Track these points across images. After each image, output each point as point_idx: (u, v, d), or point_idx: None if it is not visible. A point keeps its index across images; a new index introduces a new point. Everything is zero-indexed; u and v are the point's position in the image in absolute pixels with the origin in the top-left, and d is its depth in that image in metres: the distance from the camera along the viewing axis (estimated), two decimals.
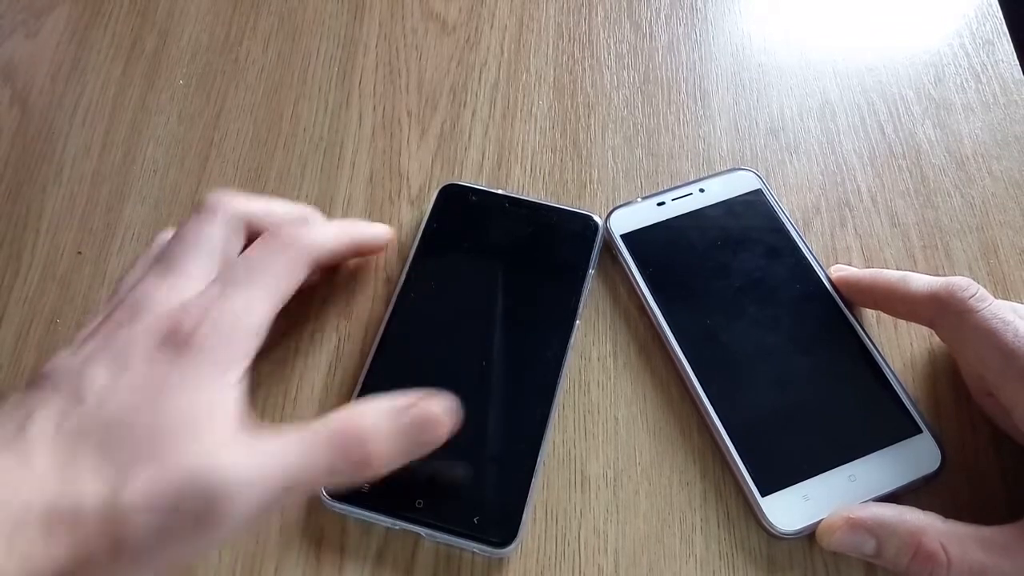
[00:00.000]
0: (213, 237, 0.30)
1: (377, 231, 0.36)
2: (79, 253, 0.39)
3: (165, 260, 0.29)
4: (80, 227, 0.40)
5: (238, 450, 0.25)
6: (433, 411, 0.28)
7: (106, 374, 0.25)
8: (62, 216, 0.40)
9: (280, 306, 0.29)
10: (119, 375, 0.25)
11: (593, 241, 0.37)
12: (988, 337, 0.30)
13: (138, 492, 0.23)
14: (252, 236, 0.32)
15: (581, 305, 0.36)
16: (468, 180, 0.41)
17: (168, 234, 0.31)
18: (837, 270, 0.37)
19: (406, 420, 0.28)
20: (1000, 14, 0.47)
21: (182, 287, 0.28)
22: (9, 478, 0.23)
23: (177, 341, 0.26)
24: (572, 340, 0.35)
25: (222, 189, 0.32)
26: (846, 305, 0.36)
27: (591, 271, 0.37)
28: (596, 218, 0.38)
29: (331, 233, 0.33)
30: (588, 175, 0.41)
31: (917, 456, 0.32)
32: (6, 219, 0.40)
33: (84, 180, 0.41)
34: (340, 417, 0.27)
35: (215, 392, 0.26)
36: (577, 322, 0.35)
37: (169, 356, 0.26)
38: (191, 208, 0.31)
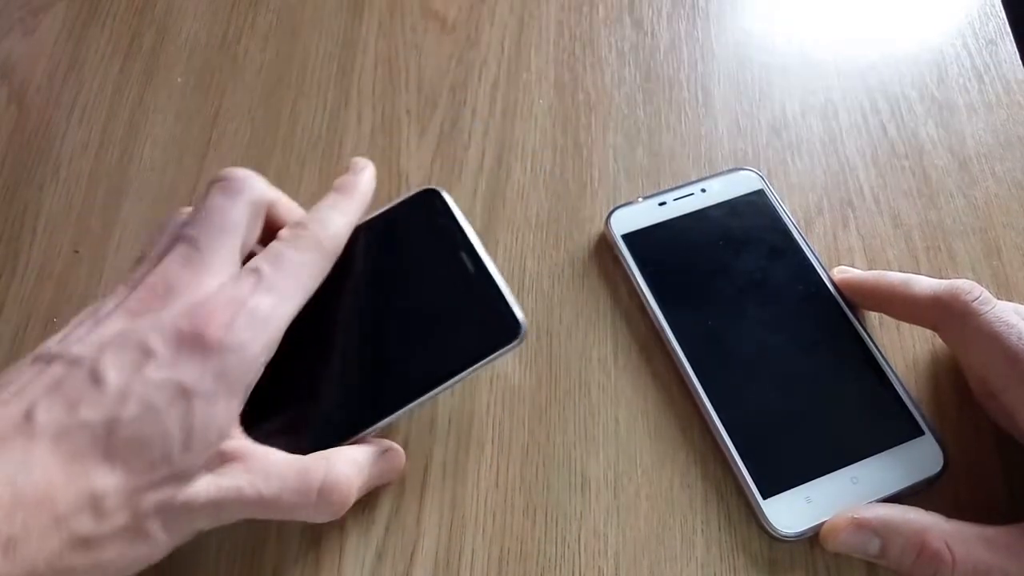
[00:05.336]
0: (239, 223, 0.29)
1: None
2: (76, 252, 0.39)
3: (191, 241, 0.28)
4: (77, 226, 0.40)
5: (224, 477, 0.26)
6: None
7: (127, 363, 0.25)
8: (59, 215, 0.40)
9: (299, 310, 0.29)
10: (140, 367, 0.25)
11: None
12: (992, 340, 0.30)
13: (150, 504, 0.25)
14: (269, 225, 0.31)
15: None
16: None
17: (186, 211, 0.30)
18: (840, 272, 0.36)
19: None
20: (1003, 14, 0.46)
21: (207, 275, 0.27)
22: (12, 470, 0.22)
23: (205, 342, 0.26)
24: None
25: (238, 166, 0.31)
26: (848, 306, 0.36)
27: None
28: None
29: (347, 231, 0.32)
30: (589, 174, 0.41)
31: (920, 458, 0.32)
32: (3, 218, 0.40)
33: (81, 179, 0.41)
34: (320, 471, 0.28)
35: (230, 409, 0.26)
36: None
37: (194, 355, 0.25)
38: (211, 180, 0.30)
